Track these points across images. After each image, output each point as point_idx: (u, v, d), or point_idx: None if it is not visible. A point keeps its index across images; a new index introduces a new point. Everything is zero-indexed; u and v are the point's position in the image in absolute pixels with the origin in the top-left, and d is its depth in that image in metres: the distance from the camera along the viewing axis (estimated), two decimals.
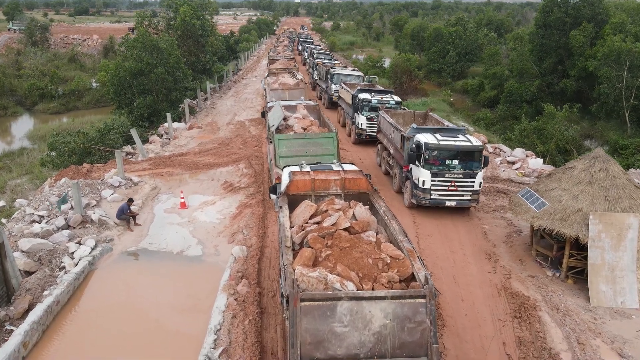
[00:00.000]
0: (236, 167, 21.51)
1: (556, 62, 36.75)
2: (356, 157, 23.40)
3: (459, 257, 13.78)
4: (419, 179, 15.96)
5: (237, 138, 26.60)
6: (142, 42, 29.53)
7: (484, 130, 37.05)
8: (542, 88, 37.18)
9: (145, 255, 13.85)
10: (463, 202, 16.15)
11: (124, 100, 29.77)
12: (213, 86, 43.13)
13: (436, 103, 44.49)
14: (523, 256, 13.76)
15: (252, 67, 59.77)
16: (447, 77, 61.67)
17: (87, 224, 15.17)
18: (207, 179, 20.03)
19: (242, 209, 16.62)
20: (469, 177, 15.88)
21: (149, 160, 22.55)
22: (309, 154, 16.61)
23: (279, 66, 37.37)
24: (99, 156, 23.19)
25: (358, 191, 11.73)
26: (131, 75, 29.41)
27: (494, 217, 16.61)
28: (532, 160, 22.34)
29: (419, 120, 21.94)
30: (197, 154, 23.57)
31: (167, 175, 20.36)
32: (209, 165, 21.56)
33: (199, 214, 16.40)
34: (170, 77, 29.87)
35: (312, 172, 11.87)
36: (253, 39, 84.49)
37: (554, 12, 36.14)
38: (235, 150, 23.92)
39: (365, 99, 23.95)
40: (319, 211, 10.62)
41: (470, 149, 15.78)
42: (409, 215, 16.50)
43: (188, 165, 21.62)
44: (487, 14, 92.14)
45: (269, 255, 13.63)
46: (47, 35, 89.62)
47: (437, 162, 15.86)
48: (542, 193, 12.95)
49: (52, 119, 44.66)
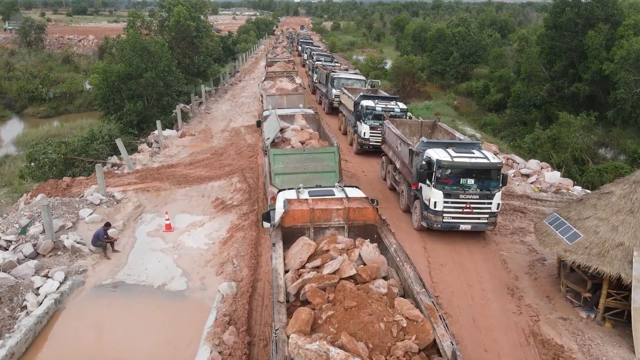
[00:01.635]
0: (229, 180, 19.87)
1: (567, 65, 35.10)
2: (358, 168, 21.77)
3: (478, 293, 12.13)
4: (430, 200, 14.32)
5: (231, 147, 24.95)
6: (131, 44, 27.90)
7: (491, 136, 35.46)
8: (552, 92, 35.51)
9: (121, 289, 12.21)
10: (479, 225, 14.51)
11: (113, 106, 28.11)
12: (209, 89, 41.51)
13: (440, 107, 42.92)
14: (551, 292, 12.12)
15: (250, 69, 58.13)
16: (450, 79, 60.08)
17: (58, 251, 13.53)
18: (197, 195, 18.38)
19: (233, 232, 14.98)
20: (486, 197, 14.24)
21: (136, 172, 20.90)
22: (307, 170, 15.01)
23: (277, 69, 35.72)
24: (82, 168, 21.53)
25: (364, 222, 10.12)
26: (120, 80, 27.77)
27: (512, 242, 14.96)
28: (549, 173, 20.70)
29: (427, 130, 20.30)
30: (187, 165, 21.92)
31: (154, 190, 18.71)
32: (200, 179, 19.92)
33: (186, 238, 14.75)
34: (161, 81, 28.21)
35: (311, 199, 10.24)
36: (252, 39, 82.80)
37: (565, 12, 34.47)
38: (229, 162, 22.27)
39: (368, 107, 22.30)
40: (319, 250, 8.99)
41: (487, 166, 14.14)
42: (419, 240, 14.86)
43: (177, 178, 19.98)
44: (490, 14, 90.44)
45: (262, 290, 11.99)
46: (41, 35, 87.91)
47: (450, 181, 14.22)
48: (575, 222, 11.31)
49: (42, 123, 42.97)
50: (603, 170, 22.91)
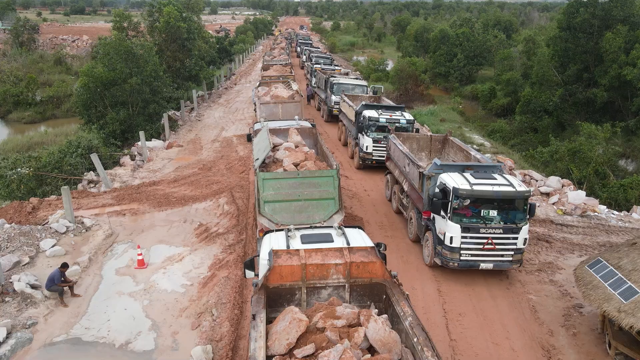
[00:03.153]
0: (216, 202, 17.77)
1: (581, 68, 32.97)
2: (360, 187, 19.66)
3: (507, 354, 10.03)
4: (445, 234, 12.22)
5: (221, 160, 22.85)
6: (115, 47, 25.80)
7: (501, 144, 33.39)
8: (565, 98, 33.39)
9: (75, 349, 10.10)
10: (503, 264, 12.41)
11: (95, 114, 26.00)
12: (202, 94, 39.42)
13: (445, 112, 40.86)
14: (595, 354, 10.01)
15: (247, 71, 56.00)
16: (454, 81, 57.96)
17: (7, 296, 11.45)
18: (179, 219, 16.27)
19: (216, 271, 12.88)
20: (511, 232, 12.14)
21: (113, 191, 18.80)
22: (302, 197, 12.91)
23: (273, 73, 33.59)
24: (54, 186, 19.42)
25: (370, 280, 8.05)
26: (103, 85, 25.66)
27: (540, 281, 12.86)
28: (572, 192, 18.59)
29: (437, 145, 18.21)
30: (171, 182, 19.82)
31: (131, 214, 16.62)
32: (184, 200, 17.82)
33: (160, 278, 12.64)
34: (147, 87, 26.11)
35: (304, 250, 8.14)
36: (249, 40, 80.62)
37: (579, 13, 32.34)
38: (218, 178, 20.17)
39: (371, 118, 20.19)
40: (312, 327, 6.91)
41: (513, 195, 12.03)
42: (431, 279, 12.76)
43: (158, 199, 17.88)
44: (494, 13, 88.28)
45: (245, 353, 9.88)
46: (34, 35, 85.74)
47: (469, 212, 12.13)
48: (628, 273, 9.21)
49: (28, 128, 40.93)
50: (627, 185, 20.87)
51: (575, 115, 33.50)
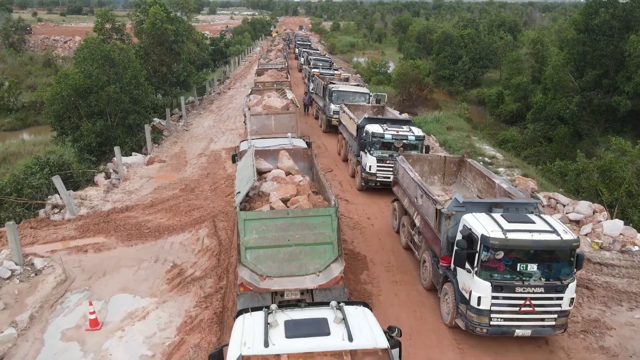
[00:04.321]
0: (195, 233, 15.32)
1: (601, 74, 30.51)
2: (363, 213, 17.17)
3: None
4: (472, 293, 9.74)
5: (206, 179, 20.38)
6: (90, 52, 23.34)
7: (513, 154, 30.92)
8: (583, 105, 30.93)
9: None
10: (543, 330, 9.93)
11: (69, 126, 23.51)
12: (192, 100, 36.96)
13: (451, 119, 38.40)
14: None
15: (242, 74, 53.50)
16: (459, 85, 55.60)
17: None
18: (150, 257, 13.80)
19: (185, 335, 10.39)
20: (555, 290, 9.66)
21: (79, 219, 16.33)
22: (293, 242, 10.49)
23: (267, 79, 31.08)
24: (12, 212, 16.95)
25: None
26: (77, 94, 23.18)
27: (588, 348, 10.36)
28: (607, 222, 16.05)
29: (452, 167, 15.72)
30: (147, 208, 17.34)
31: (94, 250, 14.16)
32: (158, 231, 15.34)
33: (115, 346, 10.15)
34: (126, 96, 23.62)
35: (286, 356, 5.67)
36: (246, 41, 78.11)
37: (599, 14, 29.87)
38: (200, 202, 17.71)
39: (375, 134, 17.69)
40: None
41: (558, 246, 9.53)
42: (452, 347, 10.27)
43: (129, 230, 15.41)
44: (498, 14, 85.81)
45: None
46: (24, 36, 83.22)
47: (501, 266, 9.65)
48: None
49: (8, 137, 38.47)
50: None
51: (593, 125, 31.07)
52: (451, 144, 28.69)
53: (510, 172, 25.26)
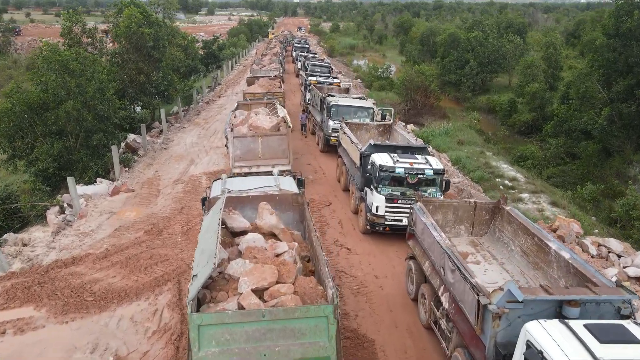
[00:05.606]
0: (153, 300, 11.87)
1: (633, 84, 27.10)
2: (368, 268, 13.67)
3: None
4: None
5: (178, 217, 16.91)
6: (45, 60, 19.91)
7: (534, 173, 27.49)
8: (612, 119, 27.54)
9: None
10: None
11: (21, 147, 20.04)
12: (176, 111, 33.51)
13: (462, 130, 35.00)
14: None
15: (235, 80, 49.95)
16: (466, 91, 52.12)
17: None
18: (86, 344, 10.33)
19: None
20: None
21: (7, 278, 12.85)
22: (270, 356, 7.11)
23: (257, 89, 27.61)
24: None
25: None
26: (31, 110, 19.76)
27: None
28: None
29: (483, 215, 12.26)
30: (99, 260, 13.87)
31: (14, 331, 10.69)
32: (106, 299, 11.88)
33: None
34: (89, 113, 20.17)
35: None
36: (242, 43, 74.60)
37: (633, 17, 26.44)
38: (166, 252, 14.24)
39: (383, 167, 14.18)
40: None
41: None
42: None
43: (68, 296, 11.93)
44: (505, 15, 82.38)
45: None
46: (11, 38, 79.75)
47: None
48: None
49: None
50: None
51: (624, 140, 27.66)
52: (465, 162, 25.29)
53: (536, 199, 21.86)
